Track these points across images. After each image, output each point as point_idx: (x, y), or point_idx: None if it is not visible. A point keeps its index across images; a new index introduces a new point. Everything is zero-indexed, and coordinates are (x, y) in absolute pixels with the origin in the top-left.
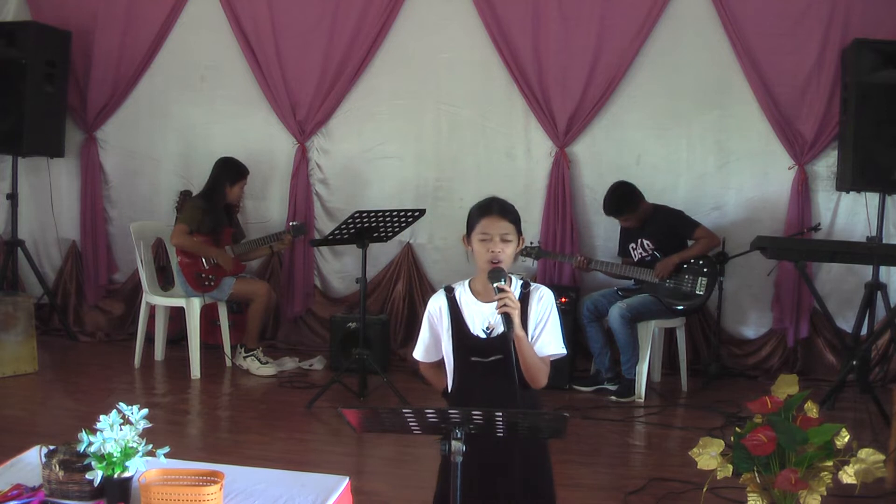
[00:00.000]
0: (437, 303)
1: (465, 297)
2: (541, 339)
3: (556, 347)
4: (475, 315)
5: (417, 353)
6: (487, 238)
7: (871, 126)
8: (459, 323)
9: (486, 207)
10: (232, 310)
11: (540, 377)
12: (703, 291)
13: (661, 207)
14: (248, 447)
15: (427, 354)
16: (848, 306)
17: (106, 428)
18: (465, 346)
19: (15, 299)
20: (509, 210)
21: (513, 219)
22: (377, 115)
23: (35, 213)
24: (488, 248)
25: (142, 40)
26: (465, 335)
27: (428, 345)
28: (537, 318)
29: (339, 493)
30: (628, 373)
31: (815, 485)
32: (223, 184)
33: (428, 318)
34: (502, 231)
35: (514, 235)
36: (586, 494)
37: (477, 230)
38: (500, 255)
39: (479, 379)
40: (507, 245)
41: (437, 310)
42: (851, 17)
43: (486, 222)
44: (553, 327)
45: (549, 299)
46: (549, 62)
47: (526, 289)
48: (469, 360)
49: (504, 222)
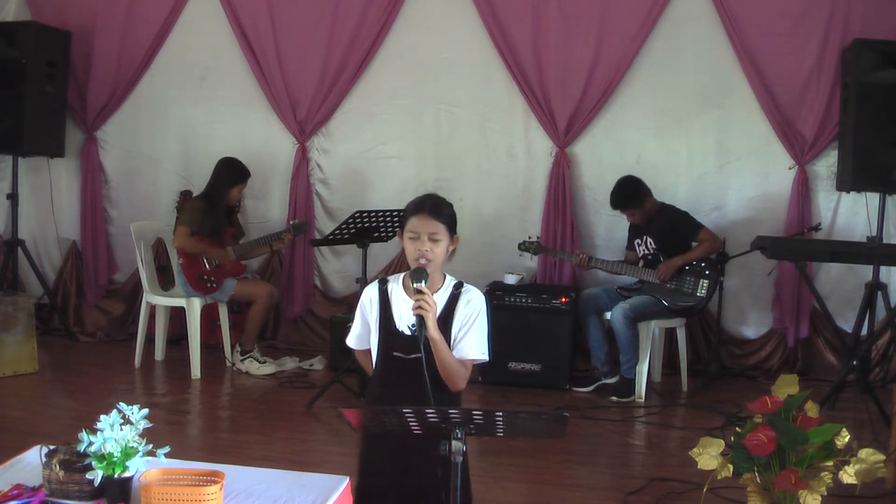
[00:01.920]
0: (370, 294)
1: (396, 291)
2: (463, 341)
3: (478, 352)
4: (403, 311)
5: (350, 339)
6: (415, 237)
7: (871, 126)
8: (387, 317)
9: (418, 205)
10: (232, 310)
11: (457, 380)
12: (704, 293)
13: (668, 207)
14: (248, 447)
15: (359, 342)
16: (848, 306)
17: (106, 428)
18: (389, 341)
19: (15, 299)
20: (441, 210)
21: (445, 219)
22: (377, 115)
23: (35, 213)
24: (416, 247)
25: (142, 40)
26: (390, 330)
27: (360, 333)
28: (462, 319)
29: (339, 493)
30: (628, 373)
31: (815, 485)
32: (223, 184)
33: (360, 308)
34: (430, 230)
35: (445, 235)
36: (586, 494)
37: (407, 228)
38: (428, 254)
39: (399, 374)
40: (436, 244)
41: (369, 301)
42: (851, 17)
43: (416, 221)
44: (477, 332)
45: (478, 303)
46: (549, 62)
47: (458, 290)
48: (391, 355)
49: (434, 221)
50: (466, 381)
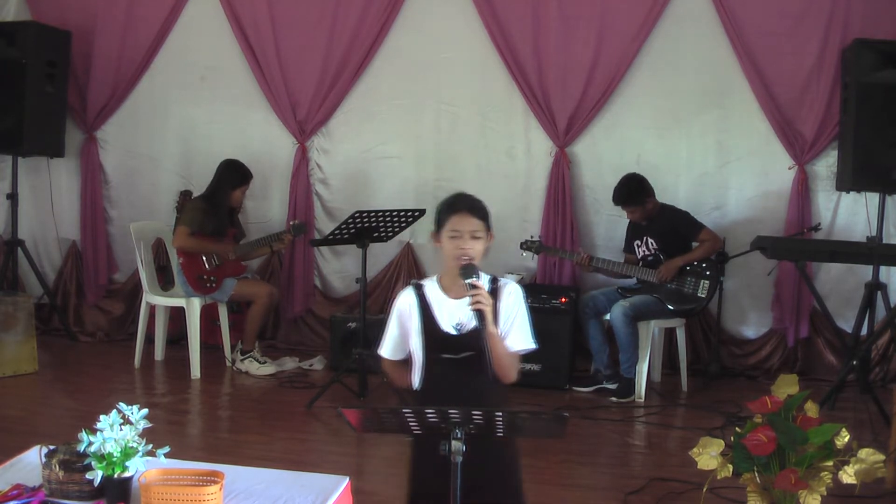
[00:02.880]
0: (407, 300)
1: (434, 293)
2: (511, 334)
3: (525, 343)
4: (445, 312)
5: (384, 350)
6: (457, 235)
7: (871, 126)
8: (430, 320)
9: (454, 204)
10: (232, 310)
11: (510, 372)
12: (704, 294)
13: (668, 207)
14: (248, 447)
15: (395, 352)
16: (848, 306)
17: (106, 428)
18: (436, 343)
19: (15, 299)
20: (478, 207)
21: (482, 215)
22: (377, 115)
23: (35, 213)
24: (458, 246)
25: (142, 40)
26: (435, 332)
27: (396, 342)
28: (507, 313)
29: (339, 493)
30: (628, 372)
31: (815, 485)
32: (226, 186)
33: (397, 315)
34: (472, 228)
35: (484, 232)
36: (586, 494)
37: (447, 227)
38: (470, 251)
39: (449, 375)
40: (477, 242)
41: (408, 307)
42: (851, 17)
43: (457, 219)
44: (523, 322)
45: (519, 295)
46: (549, 62)
47: (495, 284)
48: (439, 357)
49: (474, 219)
50: (517, 372)
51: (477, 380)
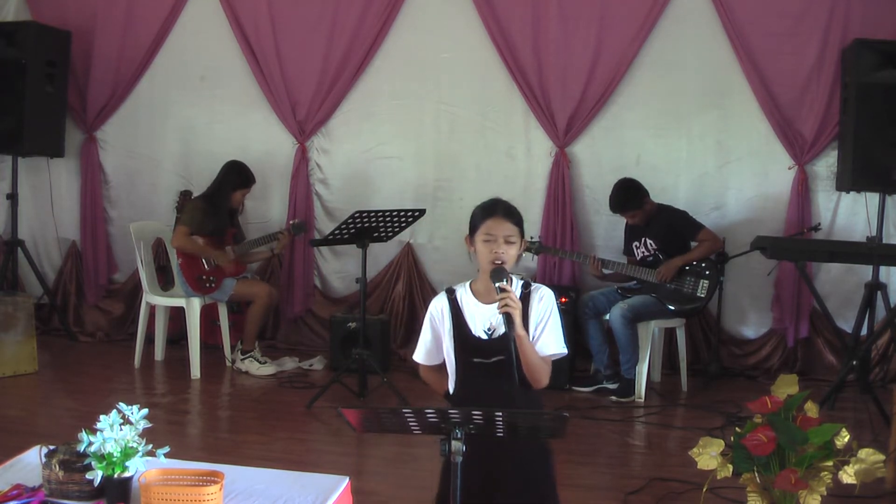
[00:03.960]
0: (439, 304)
1: (466, 298)
2: (542, 338)
3: (556, 347)
4: (476, 316)
5: (418, 356)
6: (492, 239)
7: (871, 126)
8: (461, 324)
9: (490, 209)
10: (232, 310)
11: (541, 377)
12: (704, 294)
13: (666, 207)
14: (248, 447)
15: (428, 357)
16: (848, 306)
17: (106, 428)
18: (467, 348)
19: (15, 299)
20: (514, 212)
21: (516, 221)
22: (377, 115)
23: (35, 213)
24: (492, 250)
25: (142, 40)
26: (466, 336)
27: (429, 347)
28: (538, 317)
29: (339, 493)
30: (628, 373)
31: (815, 485)
32: (228, 187)
33: (430, 320)
34: (507, 233)
35: (518, 237)
36: (586, 494)
37: (481, 231)
38: (504, 256)
39: (482, 380)
40: (511, 247)
41: (440, 311)
42: (851, 17)
43: (491, 223)
44: (554, 327)
45: (550, 299)
46: (549, 62)
47: (527, 289)
48: (471, 362)
49: (508, 224)
50: (549, 377)
51: (508, 384)
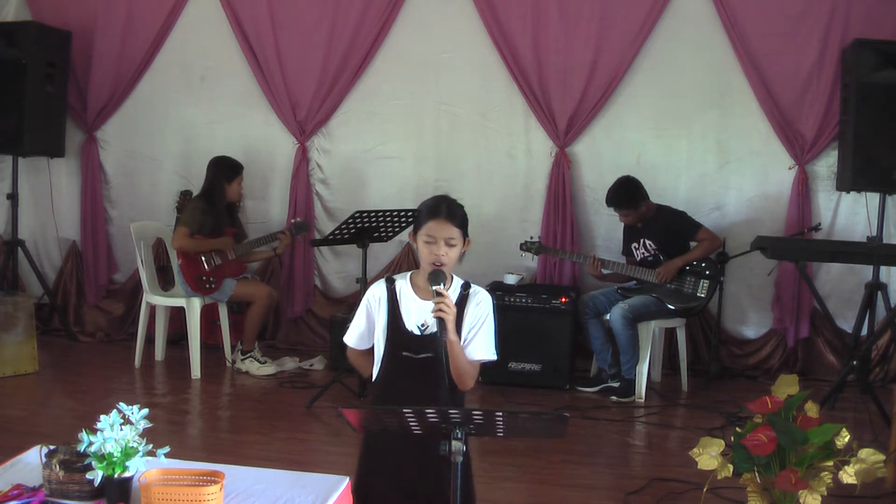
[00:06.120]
0: (377, 292)
1: (405, 290)
2: (473, 342)
3: (486, 353)
4: (412, 310)
5: (349, 338)
6: (432, 241)
7: (871, 126)
8: (395, 316)
9: (434, 209)
10: (232, 310)
11: (467, 380)
12: (704, 294)
13: (665, 208)
14: (248, 447)
15: (360, 341)
16: (848, 306)
17: (106, 428)
18: (398, 340)
19: (15, 299)
20: (457, 213)
21: (459, 223)
22: (377, 115)
23: (35, 213)
24: (432, 251)
25: (142, 40)
26: (399, 329)
27: (362, 332)
28: (472, 322)
29: (339, 493)
30: (628, 373)
31: (815, 485)
32: (221, 182)
33: (366, 306)
34: (447, 235)
35: (460, 239)
36: (586, 494)
37: (423, 231)
38: (444, 258)
39: (406, 373)
40: (452, 249)
41: (377, 299)
42: (851, 17)
43: (433, 225)
44: (486, 333)
45: (487, 304)
46: (549, 62)
47: (466, 290)
48: (399, 355)
49: (450, 226)
50: (474, 381)
51: (432, 382)
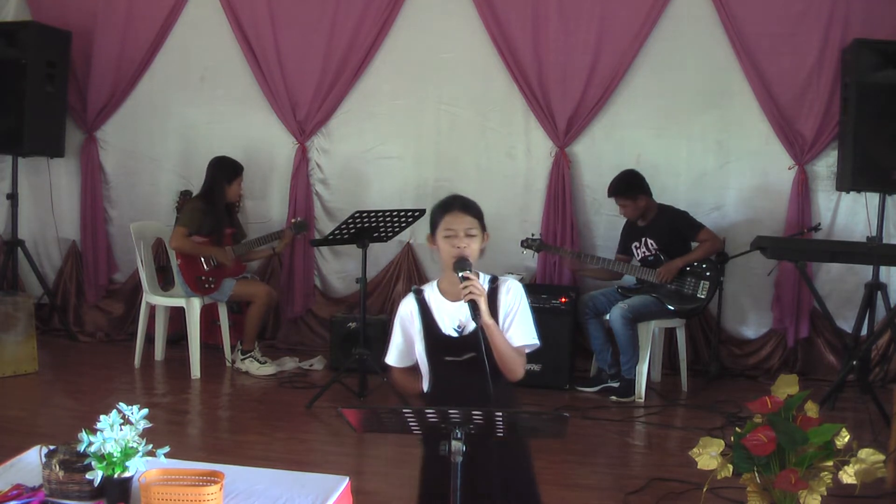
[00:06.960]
0: (408, 306)
1: (434, 297)
2: (511, 329)
3: (527, 338)
4: (445, 315)
5: (390, 358)
6: (452, 234)
7: (871, 126)
8: (430, 324)
9: (448, 204)
10: (232, 310)
11: (515, 367)
12: (704, 295)
13: (667, 207)
14: (248, 447)
15: (401, 359)
16: (848, 306)
17: (106, 428)
18: (438, 347)
19: (15, 299)
20: (472, 206)
21: (476, 213)
22: (377, 115)
23: (35, 213)
24: (453, 244)
25: (142, 40)
26: (437, 336)
27: (401, 349)
28: (506, 308)
29: (339, 493)
30: (628, 373)
31: (815, 485)
32: (221, 183)
33: (400, 322)
34: (466, 226)
35: (479, 231)
36: (586, 494)
37: (441, 227)
38: (466, 250)
39: (455, 378)
40: (472, 240)
41: (409, 313)
42: (851, 17)
43: (450, 218)
44: (523, 317)
45: (518, 290)
46: (549, 62)
47: (494, 283)
48: (443, 361)
49: (468, 217)
50: (524, 369)
51: (482, 381)
